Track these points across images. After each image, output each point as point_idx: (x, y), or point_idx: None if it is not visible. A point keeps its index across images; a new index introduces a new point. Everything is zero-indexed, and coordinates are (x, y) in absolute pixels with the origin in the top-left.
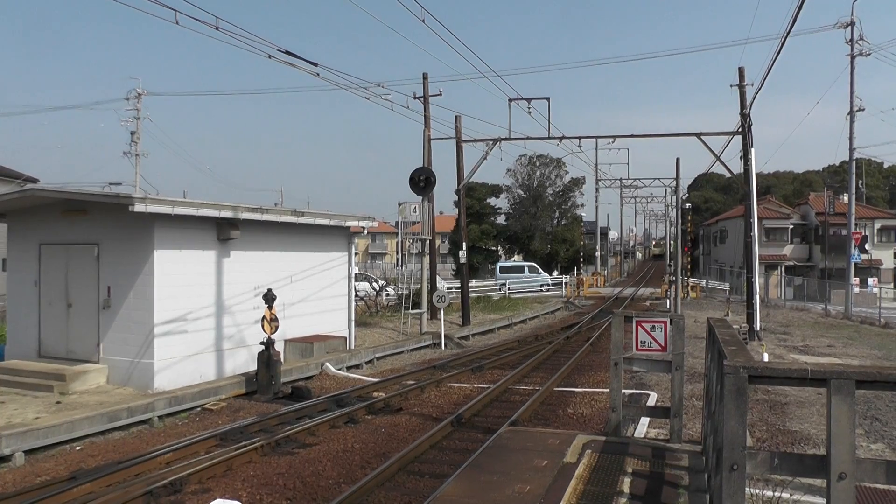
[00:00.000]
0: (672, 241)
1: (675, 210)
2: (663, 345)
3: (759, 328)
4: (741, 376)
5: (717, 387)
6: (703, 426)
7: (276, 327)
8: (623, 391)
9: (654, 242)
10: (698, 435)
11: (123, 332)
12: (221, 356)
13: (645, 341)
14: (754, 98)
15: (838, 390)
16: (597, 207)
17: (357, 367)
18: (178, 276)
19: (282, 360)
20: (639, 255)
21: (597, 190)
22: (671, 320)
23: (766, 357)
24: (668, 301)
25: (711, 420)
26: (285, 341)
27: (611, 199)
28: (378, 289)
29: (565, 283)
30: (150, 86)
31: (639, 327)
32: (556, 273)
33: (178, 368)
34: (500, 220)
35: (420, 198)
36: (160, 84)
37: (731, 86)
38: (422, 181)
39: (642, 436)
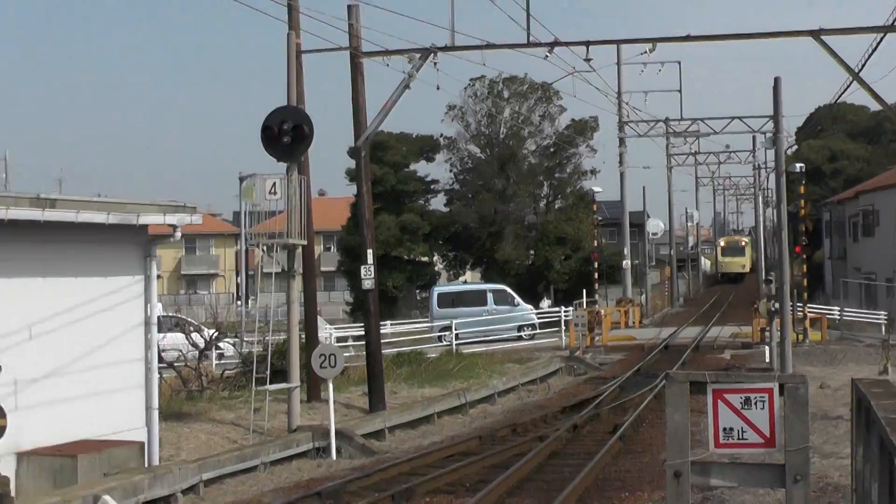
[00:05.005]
0: (769, 235)
1: (770, 175)
2: (768, 435)
3: None
4: None
5: None
6: None
7: (1, 428)
8: None
9: (721, 244)
10: None
11: None
12: None
13: (732, 429)
14: None
15: None
16: (622, 175)
17: (166, 501)
18: None
19: (12, 493)
20: (707, 263)
21: (621, 142)
22: (782, 387)
23: None
24: (766, 349)
25: None
26: (20, 455)
27: (651, 159)
28: (204, 344)
29: (567, 322)
30: None
31: (719, 402)
32: (546, 302)
33: None
34: (438, 203)
35: (284, 166)
36: None
37: None
38: (286, 133)
39: None
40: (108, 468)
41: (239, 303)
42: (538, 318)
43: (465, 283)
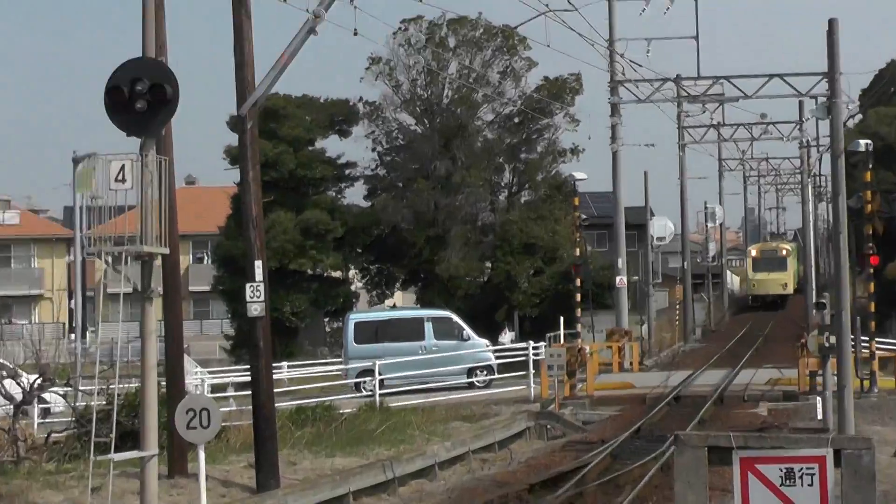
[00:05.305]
0: (822, 241)
1: (824, 156)
2: None
3: None
4: None
5: None
6: None
7: None
8: None
9: (753, 253)
10: None
11: None
12: None
13: None
14: None
15: None
16: (615, 156)
17: None
18: None
19: None
20: (735, 279)
21: (614, 110)
22: (838, 453)
23: None
24: (817, 402)
25: None
26: None
27: (656, 133)
28: (22, 396)
29: (537, 364)
30: None
31: (749, 476)
32: (508, 335)
33: None
34: (355, 195)
35: (138, 142)
36: None
37: None
38: (140, 96)
39: None
40: None
41: (72, 337)
42: (497, 358)
43: (394, 308)
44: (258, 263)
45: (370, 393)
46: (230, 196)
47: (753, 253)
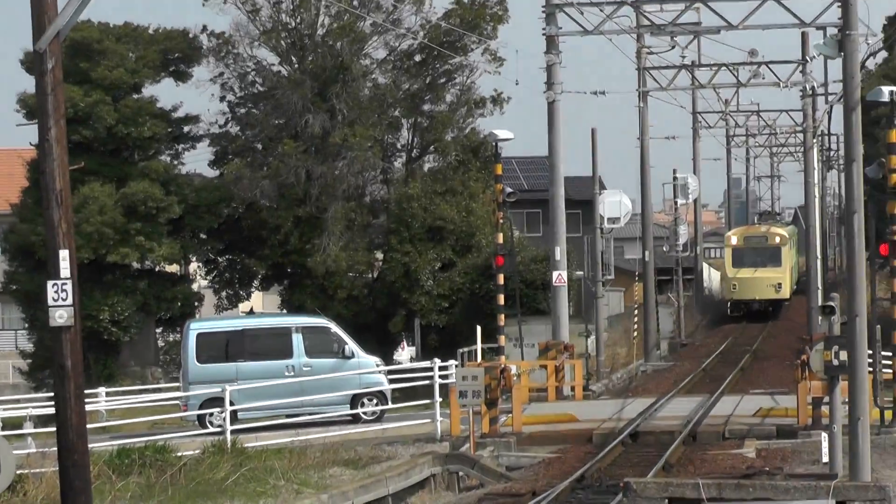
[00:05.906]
0: (832, 223)
1: (835, 107)
2: None
3: None
4: None
5: None
6: None
7: None
8: None
9: (734, 241)
10: None
11: None
12: None
13: None
14: None
15: None
16: (552, 108)
17: None
18: None
19: None
20: (714, 276)
21: (550, 45)
22: None
23: None
24: (822, 439)
25: None
26: None
27: (609, 77)
28: None
29: (444, 388)
30: None
31: None
32: (407, 351)
33: None
34: (197, 160)
35: None
36: None
37: None
38: None
39: None
40: None
41: None
42: (391, 382)
43: (252, 314)
44: (64, 254)
45: (219, 429)
46: (26, 162)
47: (734, 241)
